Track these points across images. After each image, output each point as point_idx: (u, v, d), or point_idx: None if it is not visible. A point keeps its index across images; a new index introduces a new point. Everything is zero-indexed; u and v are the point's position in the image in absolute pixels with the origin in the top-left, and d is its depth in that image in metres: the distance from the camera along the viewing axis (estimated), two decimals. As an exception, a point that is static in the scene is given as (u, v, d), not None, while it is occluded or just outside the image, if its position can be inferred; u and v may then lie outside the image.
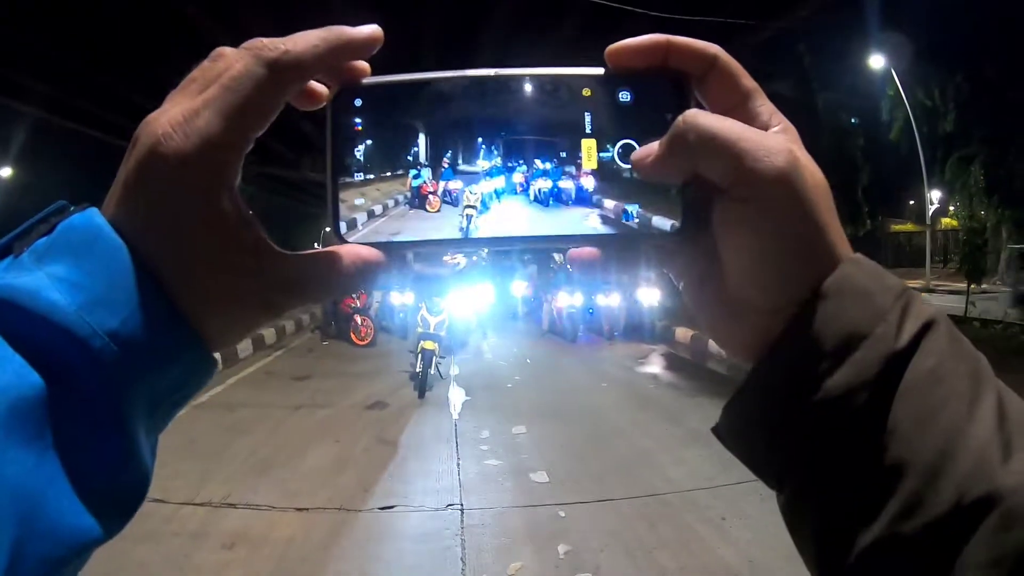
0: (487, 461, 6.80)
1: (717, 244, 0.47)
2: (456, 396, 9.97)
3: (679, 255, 0.50)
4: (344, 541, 4.92)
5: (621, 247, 0.50)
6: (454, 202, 0.50)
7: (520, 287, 17.18)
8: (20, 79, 20.67)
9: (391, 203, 0.49)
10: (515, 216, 0.50)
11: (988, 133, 24.48)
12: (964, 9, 19.78)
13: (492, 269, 17.17)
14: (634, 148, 0.49)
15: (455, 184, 0.50)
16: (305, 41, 0.44)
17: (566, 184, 0.50)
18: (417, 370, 10.09)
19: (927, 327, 0.41)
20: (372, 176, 0.50)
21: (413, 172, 0.50)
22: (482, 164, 0.50)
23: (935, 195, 31.50)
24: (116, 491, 0.42)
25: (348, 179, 0.50)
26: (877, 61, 26.05)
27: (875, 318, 0.41)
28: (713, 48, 0.48)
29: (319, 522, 5.40)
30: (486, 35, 20.71)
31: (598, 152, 0.50)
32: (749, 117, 0.48)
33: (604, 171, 0.50)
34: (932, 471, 0.38)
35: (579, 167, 0.50)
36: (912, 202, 44.14)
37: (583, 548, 4.91)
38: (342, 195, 0.50)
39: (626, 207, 0.50)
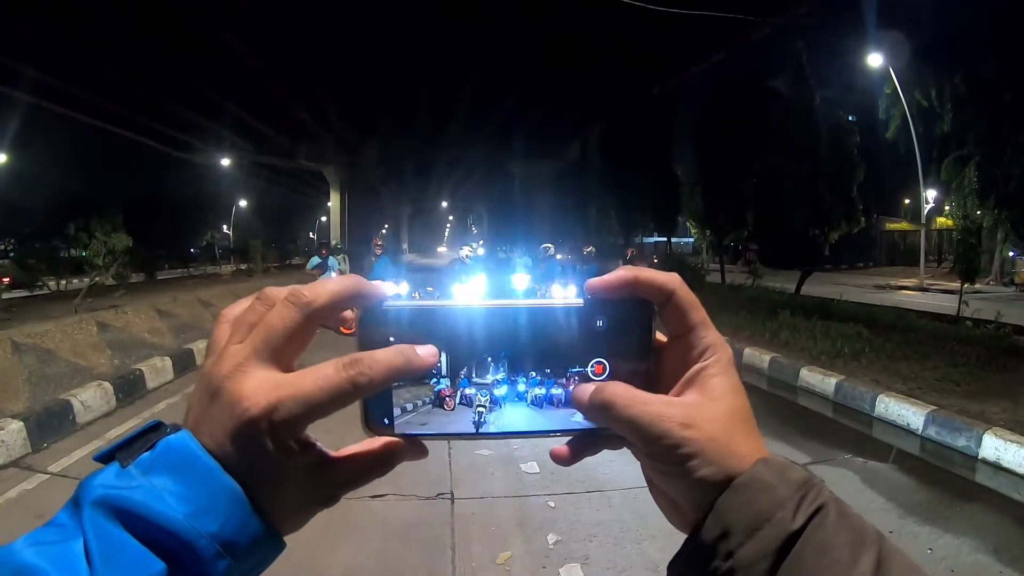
0: (478, 451, 6.80)
1: None
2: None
3: (631, 449, 0.59)
4: (334, 530, 4.92)
5: (594, 439, 0.61)
6: (469, 403, 0.60)
7: (522, 280, 16.99)
8: (12, 65, 20.44)
9: (419, 403, 0.60)
10: (517, 415, 0.61)
11: (984, 134, 24.48)
12: (963, 9, 19.75)
13: (490, 263, 17.08)
14: (605, 364, 0.60)
15: (469, 391, 0.60)
16: (327, 291, 0.55)
17: (556, 391, 0.61)
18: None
19: (818, 510, 0.50)
20: (398, 385, 0.59)
21: (434, 380, 0.60)
22: (491, 376, 0.60)
23: (930, 194, 31.50)
24: None
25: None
26: (875, 59, 26.07)
27: (776, 506, 0.50)
28: (671, 284, 0.58)
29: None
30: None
31: (577, 367, 0.60)
32: (690, 347, 0.58)
33: (582, 379, 0.60)
34: None
35: (566, 378, 0.61)
36: (908, 201, 44.21)
37: (572, 538, 4.93)
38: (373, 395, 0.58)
39: None
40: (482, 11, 20.97)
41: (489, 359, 0.60)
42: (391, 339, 0.57)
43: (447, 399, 0.60)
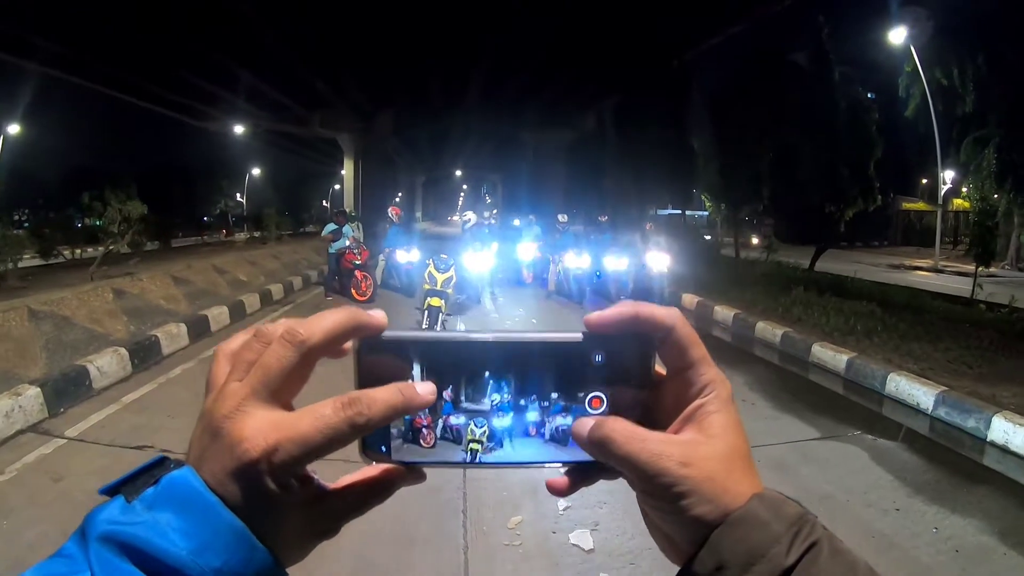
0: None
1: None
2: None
3: (627, 479, 0.59)
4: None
5: (591, 470, 0.61)
6: (456, 438, 0.61)
7: (528, 249, 16.79)
8: (25, 34, 20.32)
9: (395, 432, 0.60)
10: (507, 445, 0.61)
11: (1006, 116, 24.27)
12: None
13: (499, 231, 17.05)
14: (602, 398, 0.60)
15: (458, 421, 0.60)
16: (322, 328, 0.55)
17: (557, 421, 0.61)
18: (424, 327, 10.08)
19: (812, 546, 0.51)
20: None
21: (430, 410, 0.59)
22: (486, 403, 0.60)
23: (948, 175, 31.28)
24: None
25: None
26: (897, 36, 25.78)
27: (771, 542, 0.50)
28: (671, 320, 0.58)
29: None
30: None
31: (573, 399, 0.60)
32: (689, 383, 0.58)
33: (579, 412, 0.60)
34: None
35: (561, 409, 0.60)
36: (925, 181, 43.87)
37: (582, 504, 4.97)
38: None
39: None
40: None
41: (485, 389, 0.60)
42: (390, 371, 0.58)
43: (423, 431, 0.61)
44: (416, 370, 0.58)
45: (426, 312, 10.22)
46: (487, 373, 0.59)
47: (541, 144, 40.86)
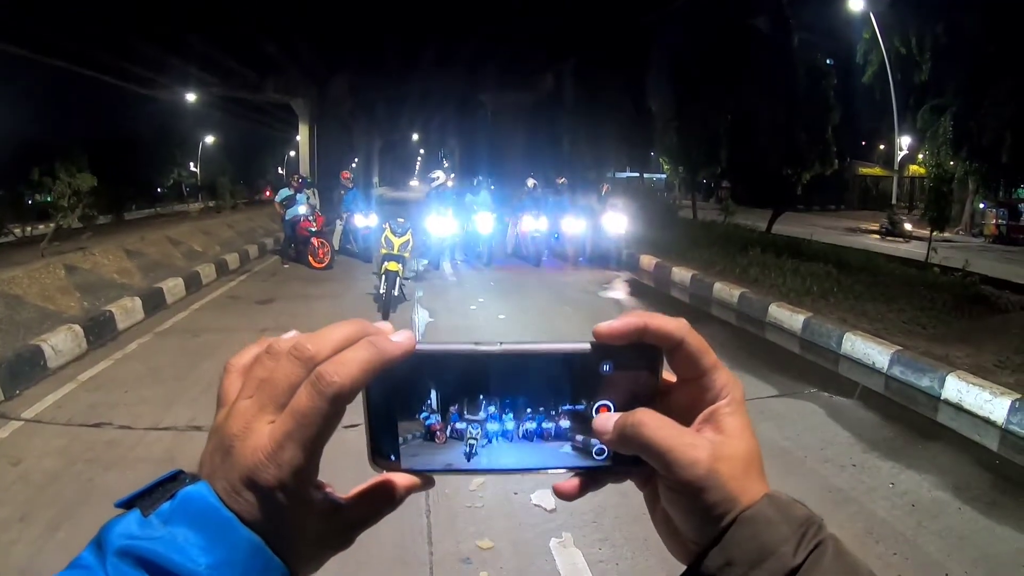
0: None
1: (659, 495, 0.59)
2: (420, 317, 9.96)
3: (635, 481, 0.62)
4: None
5: (598, 474, 0.61)
6: (460, 437, 0.60)
7: (487, 221, 16.23)
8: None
9: (410, 436, 0.59)
10: (507, 450, 0.60)
11: (963, 85, 24.57)
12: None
13: (457, 194, 16.79)
14: (610, 407, 0.59)
15: (460, 425, 0.59)
16: (351, 369, 0.51)
17: (548, 425, 0.60)
18: (381, 292, 10.07)
19: (817, 546, 0.51)
20: (399, 418, 0.59)
21: (425, 415, 0.59)
22: (483, 413, 0.60)
23: (904, 141, 31.67)
24: None
25: (382, 421, 0.59)
26: (856, 3, 25.94)
27: (780, 541, 0.51)
28: (682, 331, 0.57)
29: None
30: None
31: (576, 406, 0.59)
32: (703, 389, 0.58)
33: (581, 418, 0.60)
34: None
35: (562, 415, 0.60)
36: (882, 147, 44.43)
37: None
38: (379, 433, 0.60)
39: (592, 440, 0.60)
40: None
41: (483, 398, 0.59)
42: (402, 389, 0.58)
43: (438, 433, 0.60)
44: (428, 385, 0.58)
45: (383, 277, 10.12)
46: (495, 383, 0.59)
47: (499, 107, 40.79)
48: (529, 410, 0.59)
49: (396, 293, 10.22)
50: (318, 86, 38.84)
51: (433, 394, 0.58)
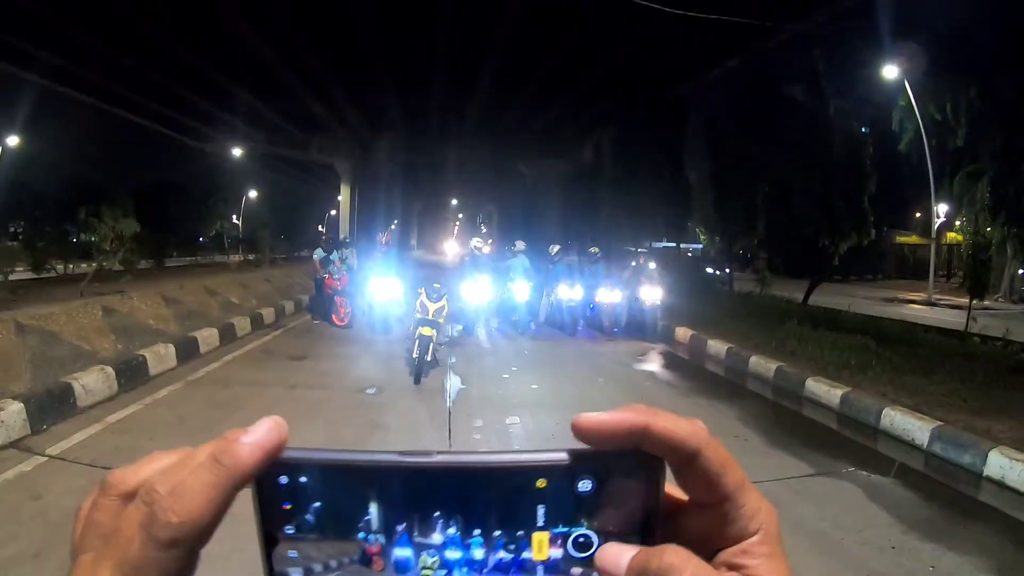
0: (479, 449, 6.78)
1: None
2: (452, 384, 9.94)
3: None
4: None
5: None
6: (404, 570, 0.48)
7: (523, 290, 15.94)
8: (27, 47, 20.48)
9: (334, 563, 0.48)
10: None
11: (999, 149, 24.44)
12: (981, 22, 19.69)
13: (495, 261, 16.89)
14: (590, 541, 0.48)
15: (404, 554, 0.48)
16: (190, 502, 0.43)
17: (532, 557, 0.48)
18: (414, 356, 10.08)
19: None
20: (314, 537, 0.48)
21: (362, 535, 0.48)
22: (435, 537, 0.48)
23: (942, 209, 31.44)
24: None
25: (287, 541, 0.49)
26: (890, 71, 26.01)
27: None
28: (697, 440, 0.46)
29: None
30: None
31: (550, 545, 0.48)
32: (725, 518, 0.47)
33: (556, 562, 0.48)
34: None
35: (532, 556, 0.49)
36: (919, 214, 44.16)
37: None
38: (281, 554, 0.49)
39: None
40: (497, 12, 20.93)
41: (439, 522, 0.49)
42: (288, 504, 0.48)
43: (375, 558, 0.49)
44: (366, 496, 0.48)
45: (417, 342, 10.14)
46: (451, 500, 0.48)
47: (537, 174, 41.12)
48: (500, 533, 0.48)
49: (429, 358, 10.22)
50: (361, 148, 39.50)
51: (373, 509, 0.48)
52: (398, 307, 14.39)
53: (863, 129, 22.48)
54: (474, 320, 15.16)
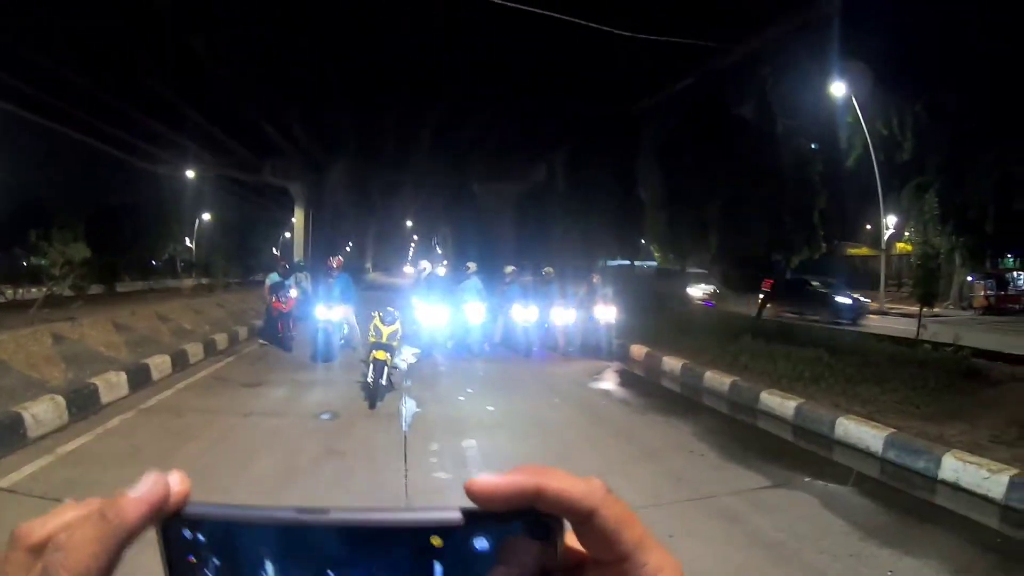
0: (435, 474, 6.71)
1: None
2: (408, 407, 9.84)
3: None
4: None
5: None
6: None
7: (477, 312, 15.76)
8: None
9: None
10: None
11: (945, 162, 24.98)
12: (925, 41, 20.16)
13: (449, 282, 16.82)
14: None
15: None
16: (76, 558, 0.44)
17: None
18: (369, 380, 9.99)
19: None
20: None
21: None
22: None
23: (891, 220, 32.00)
24: None
25: None
26: (838, 89, 26.48)
27: None
28: (590, 500, 0.45)
29: None
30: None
31: None
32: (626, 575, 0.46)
33: None
34: None
35: None
36: (868, 227, 44.84)
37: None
38: None
39: None
40: (450, 36, 21.06)
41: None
42: (192, 557, 0.48)
43: None
44: (260, 553, 0.47)
45: (371, 365, 10.04)
46: (339, 561, 0.47)
47: (490, 195, 41.25)
48: None
49: (384, 382, 10.11)
50: (315, 171, 39.57)
51: (269, 566, 0.47)
52: (348, 331, 14.31)
53: (812, 146, 22.89)
54: (429, 343, 15.04)
